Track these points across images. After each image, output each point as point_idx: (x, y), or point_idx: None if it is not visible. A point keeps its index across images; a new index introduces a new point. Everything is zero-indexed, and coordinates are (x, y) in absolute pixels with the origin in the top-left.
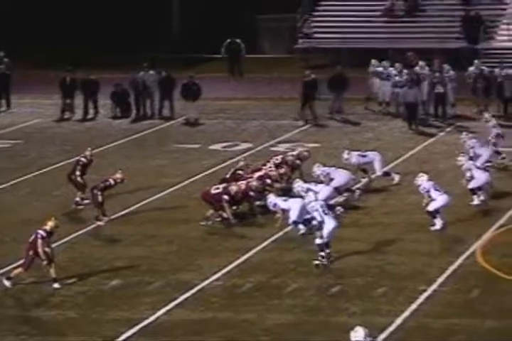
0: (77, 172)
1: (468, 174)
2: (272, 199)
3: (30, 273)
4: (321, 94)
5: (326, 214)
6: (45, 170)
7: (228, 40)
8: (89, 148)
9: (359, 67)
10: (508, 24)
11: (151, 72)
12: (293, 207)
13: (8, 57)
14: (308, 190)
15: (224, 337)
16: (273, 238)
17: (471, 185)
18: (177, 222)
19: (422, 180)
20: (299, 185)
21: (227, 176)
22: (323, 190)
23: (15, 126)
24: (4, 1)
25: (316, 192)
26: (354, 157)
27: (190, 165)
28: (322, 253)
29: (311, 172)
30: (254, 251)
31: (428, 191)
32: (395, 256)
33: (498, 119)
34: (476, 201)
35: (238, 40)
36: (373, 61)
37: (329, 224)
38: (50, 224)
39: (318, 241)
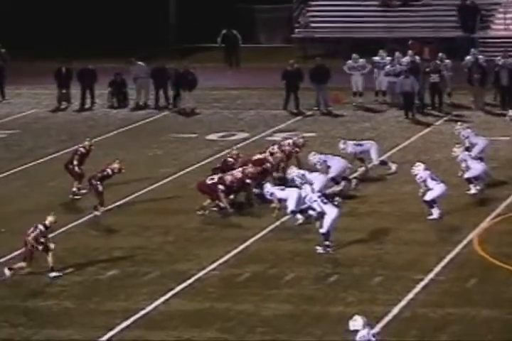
0: (75, 162)
1: (463, 165)
2: (268, 188)
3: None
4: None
5: (325, 203)
6: (41, 160)
7: (225, 31)
8: (88, 138)
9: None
10: (504, 13)
11: (140, 63)
12: (290, 196)
13: (4, 48)
14: (303, 175)
15: (221, 329)
16: (270, 228)
17: (468, 174)
18: (174, 212)
19: (419, 170)
20: (293, 171)
21: (218, 165)
22: (318, 180)
23: (11, 117)
24: None
25: (311, 183)
26: (350, 146)
27: (187, 155)
28: (327, 243)
29: (307, 161)
30: (251, 240)
31: (424, 180)
32: (392, 246)
33: (494, 108)
34: (473, 190)
35: (234, 31)
36: (354, 55)
37: (331, 213)
38: (49, 220)
39: (322, 230)
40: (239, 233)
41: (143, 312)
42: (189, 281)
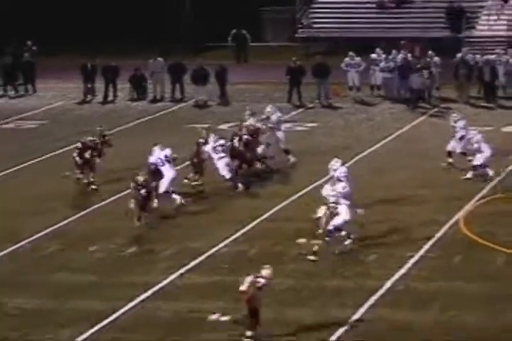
0: (74, 154)
1: (475, 145)
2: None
3: (58, 241)
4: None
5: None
6: (67, 148)
7: (234, 30)
8: (100, 127)
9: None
10: (488, 15)
11: (159, 59)
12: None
13: (35, 46)
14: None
15: (230, 300)
16: (276, 208)
17: (476, 161)
18: (187, 194)
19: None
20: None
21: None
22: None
23: (41, 108)
24: None
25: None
26: (275, 115)
27: None
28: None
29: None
30: (258, 220)
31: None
32: (386, 226)
33: (478, 100)
34: (469, 175)
35: (243, 30)
36: (350, 53)
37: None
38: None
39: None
40: (247, 213)
41: (160, 285)
42: (201, 257)
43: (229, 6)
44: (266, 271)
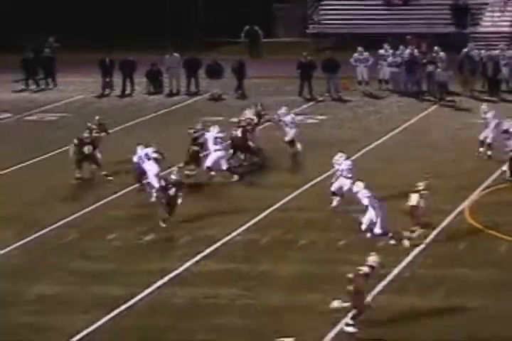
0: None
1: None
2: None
3: (76, 230)
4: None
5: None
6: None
7: (247, 27)
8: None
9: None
10: (491, 12)
11: (175, 54)
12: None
13: (57, 42)
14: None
15: (244, 287)
16: (287, 198)
17: None
18: (201, 184)
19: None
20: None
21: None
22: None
23: (61, 102)
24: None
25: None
26: (289, 116)
27: None
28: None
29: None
30: (270, 209)
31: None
32: (393, 215)
33: (482, 94)
34: (504, 167)
35: (256, 27)
36: (359, 48)
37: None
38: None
39: (378, 230)
40: (260, 203)
41: (176, 272)
42: (216, 245)
43: (242, 2)
44: (372, 258)
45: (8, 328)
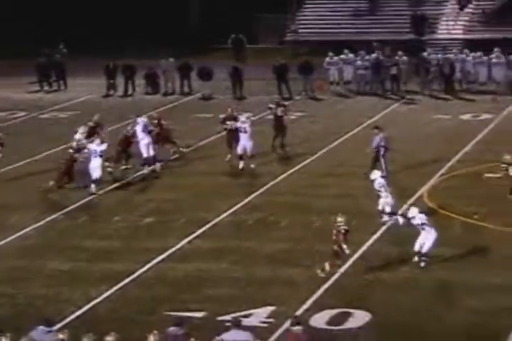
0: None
1: None
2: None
3: (86, 212)
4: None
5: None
6: None
7: (233, 35)
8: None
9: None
10: (446, 21)
11: (171, 59)
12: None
13: (66, 48)
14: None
15: (232, 262)
16: (269, 184)
17: None
18: (195, 173)
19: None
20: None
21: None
22: None
23: (72, 101)
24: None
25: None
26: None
27: (205, 130)
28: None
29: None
30: (254, 194)
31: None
32: (363, 199)
33: (439, 93)
34: None
35: (241, 35)
36: (330, 53)
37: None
38: None
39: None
40: (245, 189)
41: (173, 249)
42: (207, 226)
43: (228, 13)
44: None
45: (27, 299)
